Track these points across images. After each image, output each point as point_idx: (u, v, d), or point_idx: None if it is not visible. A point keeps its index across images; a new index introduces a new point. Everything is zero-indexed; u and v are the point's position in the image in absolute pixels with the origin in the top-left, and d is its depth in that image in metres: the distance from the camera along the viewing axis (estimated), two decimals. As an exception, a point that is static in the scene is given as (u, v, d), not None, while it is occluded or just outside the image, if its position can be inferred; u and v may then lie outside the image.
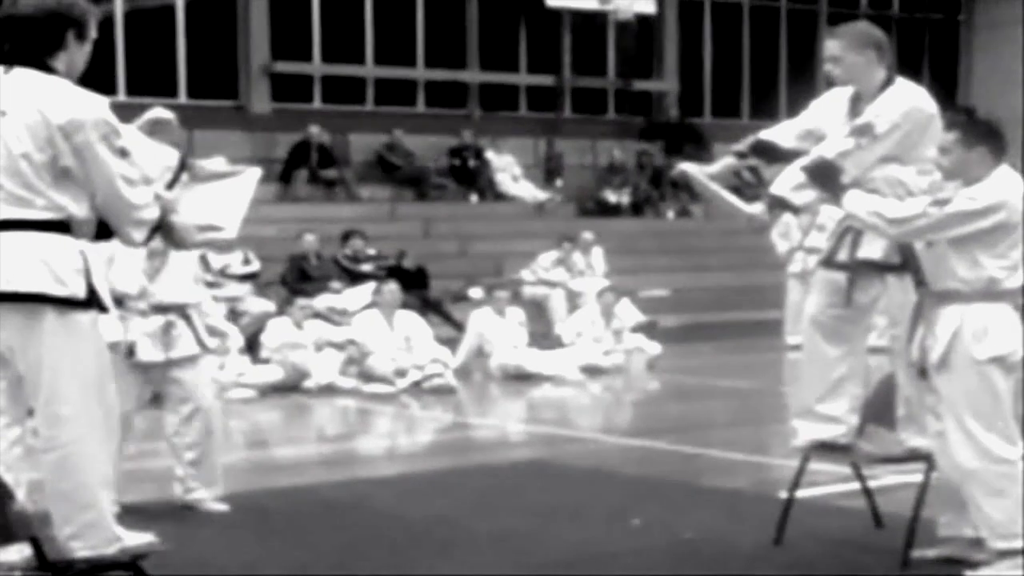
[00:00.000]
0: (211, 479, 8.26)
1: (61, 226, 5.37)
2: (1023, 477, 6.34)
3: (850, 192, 6.56)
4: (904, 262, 6.71)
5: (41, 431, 5.43)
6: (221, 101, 23.12)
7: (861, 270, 6.91)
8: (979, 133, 6.40)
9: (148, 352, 8.12)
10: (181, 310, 8.22)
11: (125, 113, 5.88)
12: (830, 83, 7.07)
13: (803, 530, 7.24)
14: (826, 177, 6.64)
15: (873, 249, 6.83)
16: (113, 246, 6.67)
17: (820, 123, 7.01)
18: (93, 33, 5.55)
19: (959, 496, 6.49)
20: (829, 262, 7.06)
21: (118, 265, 7.85)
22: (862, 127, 6.69)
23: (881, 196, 6.57)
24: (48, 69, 5.40)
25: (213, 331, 9.46)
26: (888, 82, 6.83)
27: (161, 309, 8.14)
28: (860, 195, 6.54)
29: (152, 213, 5.55)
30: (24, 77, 5.36)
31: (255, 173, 6.98)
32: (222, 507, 8.23)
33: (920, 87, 6.91)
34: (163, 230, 5.70)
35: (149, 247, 7.02)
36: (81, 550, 5.35)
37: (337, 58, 24.19)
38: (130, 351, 8.04)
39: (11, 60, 5.41)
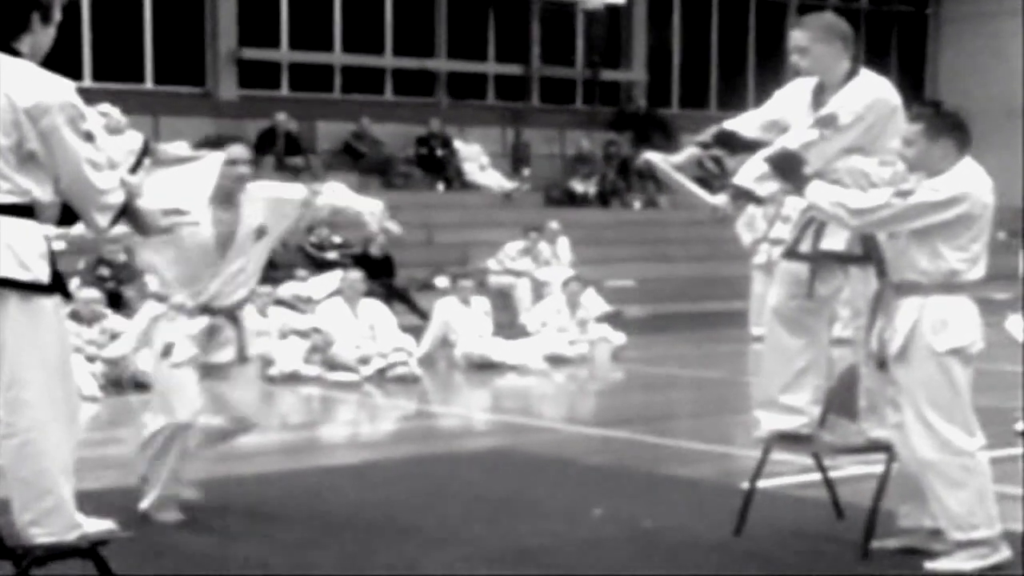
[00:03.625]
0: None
1: (25, 210, 5.33)
2: (981, 469, 6.39)
3: (813, 183, 6.56)
4: (867, 253, 6.74)
5: (2, 416, 5.39)
6: (188, 87, 23.05)
7: (823, 261, 6.92)
8: (944, 125, 6.42)
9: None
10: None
11: (91, 98, 5.85)
12: (797, 74, 7.08)
13: (764, 520, 7.25)
14: (789, 168, 6.64)
15: (836, 240, 6.85)
16: None
17: (784, 114, 7.03)
18: (58, 15, 5.51)
19: (919, 487, 6.52)
20: (792, 253, 7.07)
21: None
22: (826, 118, 6.70)
23: (844, 187, 6.59)
24: (13, 52, 5.36)
25: None
26: (852, 73, 6.84)
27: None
28: (823, 186, 6.54)
29: (117, 198, 5.51)
30: (-12, 60, 5.32)
31: (218, 157, 6.97)
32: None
33: (884, 79, 6.92)
34: (128, 215, 5.67)
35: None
36: (40, 536, 5.32)
37: (305, 45, 24.13)
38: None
39: (-25, 43, 5.37)
